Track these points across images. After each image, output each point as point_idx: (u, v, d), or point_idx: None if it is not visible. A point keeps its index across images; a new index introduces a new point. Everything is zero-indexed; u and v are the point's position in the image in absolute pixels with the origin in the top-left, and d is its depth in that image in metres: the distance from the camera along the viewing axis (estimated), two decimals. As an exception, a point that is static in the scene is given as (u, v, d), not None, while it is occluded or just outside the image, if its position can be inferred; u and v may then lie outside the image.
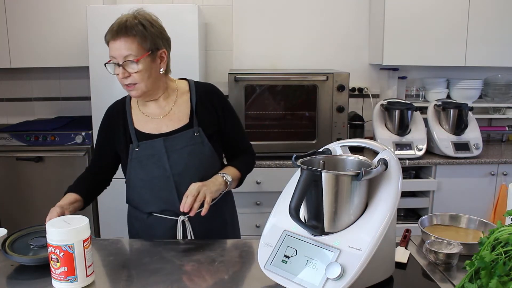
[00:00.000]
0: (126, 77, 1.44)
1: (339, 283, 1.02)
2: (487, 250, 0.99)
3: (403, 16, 2.97)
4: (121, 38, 1.41)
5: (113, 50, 1.43)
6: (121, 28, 1.41)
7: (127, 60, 1.42)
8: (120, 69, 1.43)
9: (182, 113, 1.56)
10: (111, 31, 1.43)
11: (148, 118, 1.56)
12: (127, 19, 1.43)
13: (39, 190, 2.85)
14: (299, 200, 1.06)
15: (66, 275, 1.12)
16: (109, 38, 1.43)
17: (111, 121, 1.60)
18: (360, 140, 1.25)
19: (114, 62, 1.44)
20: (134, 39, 1.42)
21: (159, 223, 1.56)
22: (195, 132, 1.53)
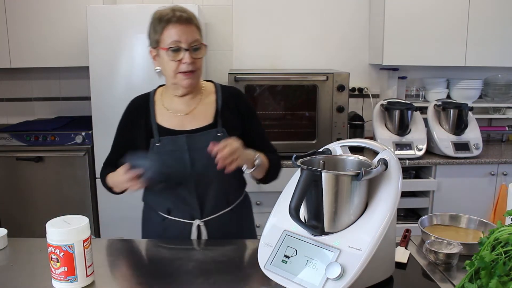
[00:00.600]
0: (191, 63, 1.42)
1: (339, 283, 1.02)
2: (487, 250, 0.99)
3: (403, 16, 2.97)
4: (188, 25, 1.42)
5: (179, 34, 1.41)
6: (187, 16, 1.42)
7: (194, 45, 1.42)
8: (187, 53, 1.41)
9: (207, 112, 1.54)
10: (173, 16, 1.41)
11: (172, 114, 1.53)
12: (184, 9, 1.44)
13: (39, 190, 2.85)
14: (299, 200, 1.06)
15: (66, 275, 1.11)
16: (174, 22, 1.41)
17: (133, 115, 1.57)
18: (360, 140, 1.25)
19: (175, 47, 1.41)
20: (196, 28, 1.45)
21: (174, 226, 1.52)
22: (218, 132, 1.50)
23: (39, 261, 1.29)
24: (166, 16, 1.41)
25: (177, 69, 1.43)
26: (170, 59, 1.42)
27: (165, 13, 1.43)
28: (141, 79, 2.67)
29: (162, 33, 1.42)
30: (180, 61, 1.42)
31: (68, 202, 2.84)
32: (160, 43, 1.43)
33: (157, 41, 1.44)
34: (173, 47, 1.41)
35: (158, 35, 1.43)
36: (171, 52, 1.41)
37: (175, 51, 1.41)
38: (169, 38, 1.41)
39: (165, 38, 1.42)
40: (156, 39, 1.45)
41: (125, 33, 2.63)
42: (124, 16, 2.63)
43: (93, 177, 2.81)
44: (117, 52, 2.65)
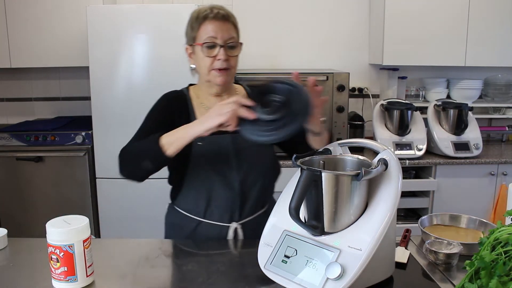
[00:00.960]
0: (225, 60, 1.41)
1: (339, 283, 1.02)
2: (487, 250, 0.99)
3: (403, 16, 2.97)
4: (225, 22, 1.42)
5: (215, 30, 1.40)
6: (224, 13, 1.42)
7: (230, 42, 1.42)
8: (222, 50, 1.40)
9: None
10: (211, 13, 1.40)
11: None
12: (222, 7, 1.44)
13: (39, 190, 2.85)
14: (299, 200, 1.06)
15: (66, 275, 1.11)
16: (210, 18, 1.40)
17: (172, 107, 1.49)
18: (360, 140, 1.25)
19: (210, 43, 1.40)
20: (233, 26, 1.45)
21: (209, 230, 1.48)
22: None
23: (39, 261, 1.29)
24: (204, 13, 1.42)
25: (211, 66, 1.42)
26: (204, 55, 1.41)
27: (203, 10, 1.43)
28: (141, 79, 2.67)
29: (198, 29, 1.42)
30: (215, 58, 1.41)
31: (68, 202, 2.84)
32: (196, 39, 1.43)
33: (194, 38, 1.44)
34: (208, 42, 1.40)
35: (194, 32, 1.44)
36: (206, 47, 1.41)
37: (210, 47, 1.41)
38: (205, 34, 1.41)
39: (201, 34, 1.42)
40: (192, 36, 1.45)
41: (125, 33, 2.63)
42: (124, 16, 2.63)
43: (93, 177, 2.81)
44: (117, 52, 2.65)
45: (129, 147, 1.40)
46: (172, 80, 2.63)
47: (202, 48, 1.41)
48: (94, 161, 2.77)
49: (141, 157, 1.33)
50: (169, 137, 1.29)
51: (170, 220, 1.60)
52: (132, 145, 1.40)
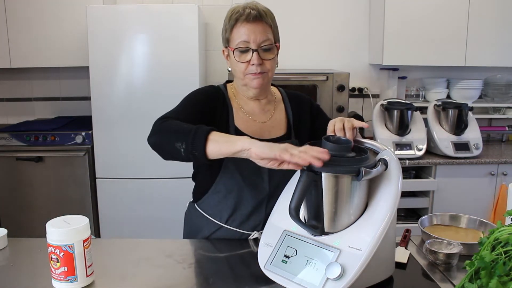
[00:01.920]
0: (259, 64, 1.36)
1: (339, 283, 1.02)
2: (487, 250, 0.99)
3: (403, 16, 2.97)
4: (258, 23, 1.35)
5: (247, 33, 1.34)
6: (259, 14, 1.35)
7: (264, 45, 1.36)
8: (255, 54, 1.35)
9: (281, 121, 1.49)
10: (242, 14, 1.34)
11: (250, 120, 1.45)
12: (256, 6, 1.37)
13: (39, 190, 2.85)
14: (299, 200, 1.06)
15: (66, 275, 1.11)
16: (242, 21, 1.34)
17: (213, 103, 1.42)
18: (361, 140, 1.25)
19: (243, 48, 1.35)
20: (270, 28, 1.39)
21: (228, 235, 1.45)
22: (293, 144, 1.43)
23: (39, 261, 1.29)
24: (236, 15, 1.36)
25: (246, 71, 1.37)
26: (238, 60, 1.37)
27: (236, 10, 1.37)
28: (141, 79, 2.67)
29: (231, 32, 1.37)
30: (249, 62, 1.36)
31: (68, 202, 2.84)
32: (229, 42, 1.39)
33: (227, 40, 1.40)
34: (241, 47, 1.35)
35: (228, 34, 1.39)
36: (239, 52, 1.36)
37: (243, 51, 1.36)
38: (237, 37, 1.36)
39: (233, 38, 1.37)
40: (226, 38, 1.40)
41: (125, 33, 2.63)
42: (124, 16, 2.63)
43: (93, 177, 2.81)
44: (117, 52, 2.65)
45: (171, 122, 1.24)
46: (171, 80, 2.65)
47: (235, 52, 1.36)
48: (94, 161, 2.77)
49: (180, 137, 1.17)
50: (219, 136, 1.15)
51: (190, 219, 1.55)
52: (176, 122, 1.24)
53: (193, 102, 1.40)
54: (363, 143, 1.23)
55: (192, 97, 1.41)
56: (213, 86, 1.49)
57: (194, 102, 1.40)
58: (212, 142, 1.13)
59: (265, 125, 1.46)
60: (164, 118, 1.28)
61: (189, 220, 1.56)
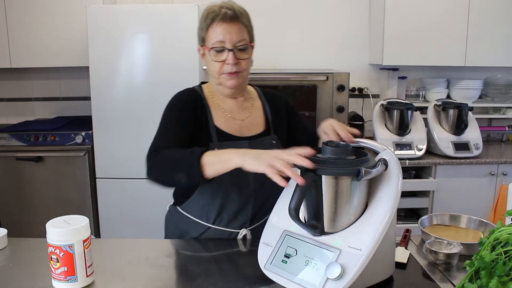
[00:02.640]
0: (235, 64, 1.37)
1: (339, 283, 1.02)
2: (487, 250, 0.99)
3: (403, 16, 2.97)
4: (234, 23, 1.36)
5: (223, 33, 1.35)
6: (234, 14, 1.36)
7: (239, 45, 1.38)
8: (231, 54, 1.36)
9: (259, 118, 1.51)
10: (218, 14, 1.35)
11: (230, 118, 1.46)
12: (232, 6, 1.38)
13: (39, 190, 2.85)
14: (299, 200, 1.06)
15: (66, 275, 1.11)
16: (218, 20, 1.35)
17: (191, 106, 1.43)
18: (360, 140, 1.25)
19: (219, 47, 1.36)
20: (245, 28, 1.40)
21: (216, 235, 1.45)
22: (273, 140, 1.48)
23: (39, 261, 1.29)
24: (212, 14, 1.37)
25: (221, 70, 1.39)
26: (213, 59, 1.38)
27: (212, 10, 1.38)
28: (141, 79, 2.67)
29: (207, 31, 1.38)
30: (224, 62, 1.38)
31: (68, 202, 2.84)
32: (205, 41, 1.40)
33: (203, 39, 1.41)
34: (216, 47, 1.37)
35: (203, 33, 1.40)
36: (214, 52, 1.37)
37: (218, 51, 1.37)
38: (213, 37, 1.37)
39: (209, 37, 1.38)
40: (202, 37, 1.41)
41: (125, 33, 2.63)
42: (124, 16, 2.63)
43: (93, 177, 2.81)
44: (117, 52, 2.65)
45: (165, 154, 1.27)
46: (172, 80, 2.65)
47: (211, 52, 1.38)
48: (94, 161, 2.77)
49: (177, 169, 1.22)
50: (213, 156, 1.18)
51: (173, 223, 1.54)
52: (168, 152, 1.28)
53: (173, 119, 1.40)
54: (359, 142, 1.24)
55: (170, 114, 1.42)
56: (188, 90, 1.50)
57: (174, 118, 1.40)
58: (207, 165, 1.17)
59: (244, 122, 1.48)
60: (155, 150, 1.30)
61: (172, 223, 1.54)
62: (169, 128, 1.39)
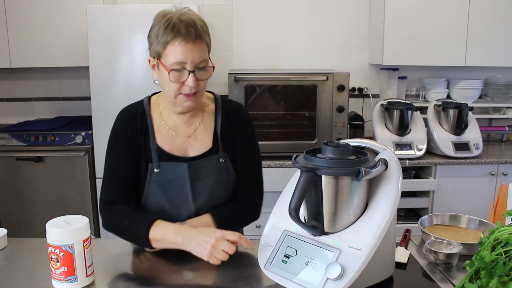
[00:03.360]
0: (194, 85, 1.27)
1: (339, 283, 1.02)
2: (487, 250, 0.99)
3: (403, 16, 2.97)
4: (196, 43, 1.25)
5: (185, 54, 1.24)
6: (197, 33, 1.25)
7: (200, 66, 1.28)
8: (191, 76, 1.26)
9: (207, 133, 1.41)
10: (179, 32, 1.23)
11: (173, 135, 1.39)
12: (194, 21, 1.26)
13: (39, 190, 2.85)
14: (299, 200, 1.06)
15: (66, 275, 1.11)
16: (181, 40, 1.23)
17: (132, 128, 1.38)
18: (360, 140, 1.25)
19: (178, 68, 1.25)
20: (205, 46, 1.29)
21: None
22: (220, 158, 1.39)
23: (39, 261, 1.29)
24: (172, 31, 1.24)
25: (179, 91, 1.29)
26: (171, 80, 1.27)
27: (170, 21, 1.25)
28: (141, 79, 2.67)
29: (165, 47, 1.25)
30: (183, 83, 1.28)
31: (68, 202, 2.84)
32: (161, 57, 1.28)
33: (159, 54, 1.28)
34: (176, 69, 1.26)
35: (160, 47, 1.27)
36: (174, 72, 1.26)
37: (178, 71, 1.26)
38: (173, 57, 1.25)
39: (167, 55, 1.26)
40: (157, 50, 1.28)
41: (125, 33, 2.63)
42: (124, 16, 2.63)
43: (93, 177, 2.82)
44: (117, 52, 2.65)
45: (114, 216, 1.32)
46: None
47: (169, 72, 1.26)
48: (94, 161, 2.77)
49: (127, 236, 1.32)
50: (159, 234, 1.25)
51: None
52: (117, 214, 1.32)
53: (116, 150, 1.39)
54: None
55: (112, 145, 1.41)
56: (129, 108, 1.43)
57: (117, 150, 1.39)
58: (154, 241, 1.25)
59: (188, 140, 1.40)
60: (106, 204, 1.35)
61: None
62: (113, 165, 1.39)
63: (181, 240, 1.21)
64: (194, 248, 1.19)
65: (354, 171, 1.05)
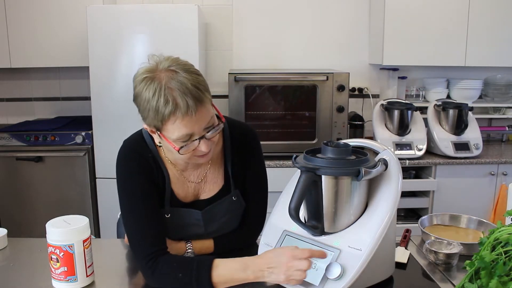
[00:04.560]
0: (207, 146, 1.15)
1: (339, 283, 1.02)
2: (487, 250, 0.99)
3: (403, 16, 2.97)
4: (200, 110, 1.09)
5: (190, 127, 1.09)
6: (195, 101, 1.07)
7: (208, 128, 1.13)
8: (203, 142, 1.13)
9: (217, 172, 1.33)
10: (176, 107, 1.06)
11: (185, 180, 1.29)
12: (187, 87, 1.07)
13: (39, 190, 2.85)
14: (299, 200, 1.06)
15: (66, 275, 1.11)
16: (182, 116, 1.06)
17: (148, 169, 1.24)
18: (360, 140, 1.25)
19: (185, 140, 1.11)
20: (209, 104, 1.13)
21: None
22: (233, 197, 1.32)
23: (39, 261, 1.29)
24: (166, 104, 1.06)
25: (191, 155, 1.16)
26: (182, 153, 1.13)
27: (162, 95, 1.06)
28: (141, 79, 2.67)
29: (164, 124, 1.09)
30: (195, 149, 1.15)
31: (68, 202, 2.84)
32: (162, 131, 1.12)
33: (158, 128, 1.13)
34: (183, 141, 1.12)
35: (157, 122, 1.10)
36: (180, 143, 1.12)
37: (185, 142, 1.12)
38: (176, 133, 1.10)
39: (169, 131, 1.10)
40: (155, 125, 1.12)
41: (125, 33, 2.63)
42: (124, 16, 2.63)
43: (93, 177, 2.81)
44: (117, 52, 2.65)
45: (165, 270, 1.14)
46: (172, 80, 2.65)
47: (178, 150, 1.12)
48: (94, 161, 2.77)
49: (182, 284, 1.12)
50: (224, 277, 1.11)
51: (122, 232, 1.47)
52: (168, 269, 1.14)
53: (138, 195, 1.22)
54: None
55: (132, 189, 1.22)
56: (137, 150, 1.25)
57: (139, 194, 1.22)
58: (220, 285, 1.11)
59: (199, 184, 1.31)
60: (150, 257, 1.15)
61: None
62: (139, 210, 1.21)
63: (252, 275, 1.10)
64: (270, 279, 1.09)
65: (354, 171, 1.05)
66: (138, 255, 1.18)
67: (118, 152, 1.28)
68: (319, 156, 1.12)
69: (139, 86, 1.12)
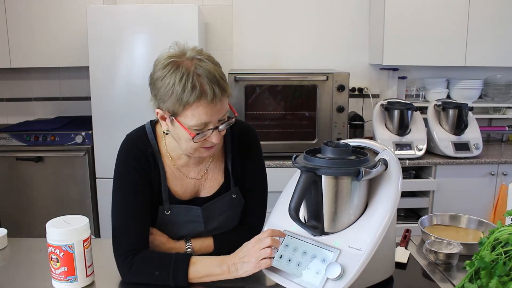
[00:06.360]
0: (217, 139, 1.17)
1: (339, 283, 1.02)
2: (487, 250, 0.99)
3: (403, 16, 2.97)
4: (223, 98, 1.13)
5: (210, 114, 1.11)
6: (220, 89, 1.11)
7: (222, 120, 1.17)
8: (215, 132, 1.16)
9: (217, 169, 1.34)
10: (202, 93, 1.08)
11: (184, 177, 1.30)
12: (215, 75, 1.12)
13: (39, 190, 2.85)
14: (299, 200, 1.06)
15: (66, 275, 1.12)
16: (207, 102, 1.09)
17: (145, 171, 1.25)
18: (360, 140, 1.25)
19: (200, 128, 1.13)
20: (226, 96, 1.16)
21: None
22: (233, 194, 1.34)
23: (39, 261, 1.29)
24: (194, 89, 1.08)
25: (199, 145, 1.18)
26: (195, 141, 1.15)
27: (190, 80, 1.08)
28: (141, 79, 2.66)
29: (185, 108, 1.11)
30: (205, 139, 1.17)
31: (68, 202, 2.84)
32: (178, 116, 1.13)
33: (175, 113, 1.13)
34: (199, 129, 1.14)
35: (178, 107, 1.11)
36: (195, 131, 1.13)
37: (200, 130, 1.14)
38: (195, 119, 1.11)
39: (188, 116, 1.12)
40: (173, 110, 1.12)
41: (125, 33, 2.63)
42: (124, 16, 2.63)
43: (93, 177, 2.81)
44: (117, 52, 2.65)
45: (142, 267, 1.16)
46: (172, 80, 2.65)
47: (191, 134, 1.14)
48: (94, 161, 2.77)
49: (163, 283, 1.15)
50: (201, 273, 1.15)
51: None
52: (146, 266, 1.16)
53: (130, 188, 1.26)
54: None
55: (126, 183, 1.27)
56: (137, 145, 1.26)
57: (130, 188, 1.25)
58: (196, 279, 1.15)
59: (199, 181, 1.32)
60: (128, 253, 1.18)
61: None
62: (127, 209, 1.25)
63: (226, 269, 1.14)
64: (243, 272, 1.13)
65: (354, 171, 1.05)
66: (116, 251, 1.21)
67: (120, 146, 1.31)
68: (319, 156, 1.12)
69: (163, 70, 1.13)
